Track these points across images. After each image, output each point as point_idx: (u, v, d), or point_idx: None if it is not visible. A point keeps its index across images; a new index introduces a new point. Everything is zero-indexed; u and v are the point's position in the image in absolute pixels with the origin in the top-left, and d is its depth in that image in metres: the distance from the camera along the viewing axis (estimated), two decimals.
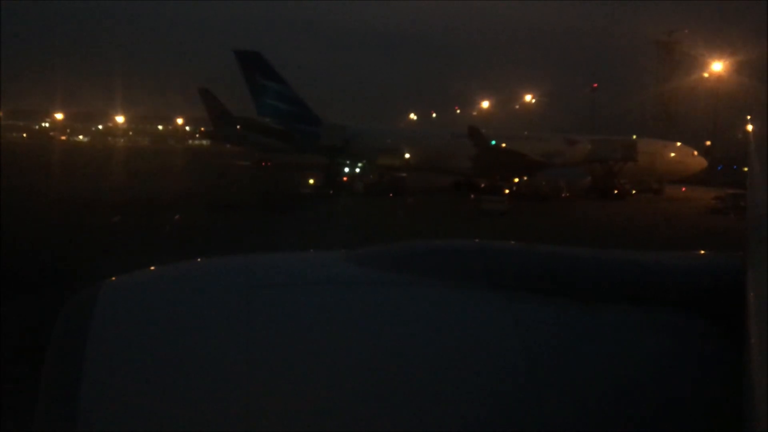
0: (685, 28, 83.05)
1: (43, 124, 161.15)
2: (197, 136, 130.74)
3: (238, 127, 63.46)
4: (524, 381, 1.88)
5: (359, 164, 53.28)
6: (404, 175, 52.83)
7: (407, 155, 54.42)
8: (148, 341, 1.82)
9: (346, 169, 53.09)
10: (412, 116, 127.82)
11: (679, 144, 60.51)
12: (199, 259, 2.26)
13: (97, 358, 1.77)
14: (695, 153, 59.89)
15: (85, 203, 36.29)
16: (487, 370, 1.88)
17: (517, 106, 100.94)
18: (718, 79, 67.08)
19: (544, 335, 1.98)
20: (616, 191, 52.95)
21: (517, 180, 50.92)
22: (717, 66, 66.09)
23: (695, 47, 76.59)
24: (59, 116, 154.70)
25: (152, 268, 2.15)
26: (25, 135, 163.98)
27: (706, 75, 68.77)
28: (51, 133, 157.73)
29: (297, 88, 56.59)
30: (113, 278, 2.05)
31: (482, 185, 53.17)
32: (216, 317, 1.87)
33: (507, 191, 49.35)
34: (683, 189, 59.23)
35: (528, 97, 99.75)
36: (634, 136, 64.32)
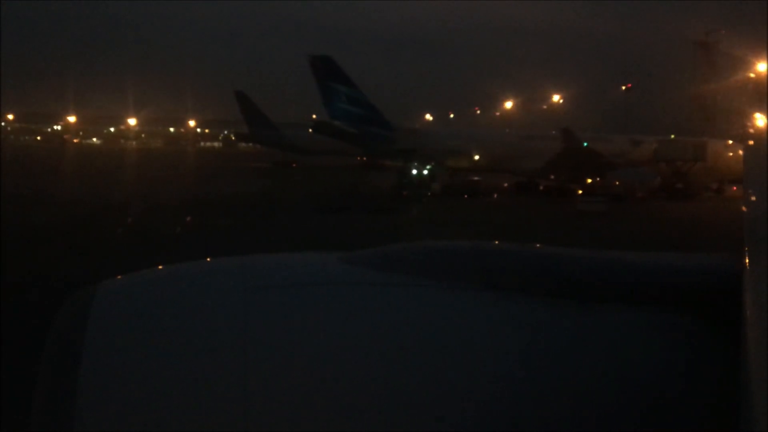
0: (721, 28, 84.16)
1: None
2: (233, 138, 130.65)
3: (310, 130, 64.25)
4: (521, 382, 1.89)
5: (429, 166, 54.14)
6: (477, 178, 53.90)
7: (478, 156, 55.42)
8: (145, 342, 1.83)
9: (414, 171, 53.94)
10: (428, 117, 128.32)
11: (731, 142, 61.64)
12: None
13: (94, 359, 1.78)
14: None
15: (184, 209, 36.54)
16: (484, 371, 1.89)
17: (545, 106, 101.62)
18: (761, 78, 68.24)
19: (541, 336, 1.98)
20: (686, 191, 53.98)
21: (589, 181, 51.83)
22: (762, 66, 67.29)
23: (734, 47, 77.71)
24: (72, 119, 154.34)
25: (150, 269, 2.17)
26: (38, 138, 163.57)
27: (752, 75, 69.87)
28: (65, 136, 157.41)
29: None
30: (110, 279, 2.06)
31: (543, 186, 54.24)
32: (212, 319, 1.88)
33: (580, 191, 50.34)
34: (734, 188, 60.32)
35: (556, 97, 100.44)
36: (672, 136, 65.51)
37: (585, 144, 49.76)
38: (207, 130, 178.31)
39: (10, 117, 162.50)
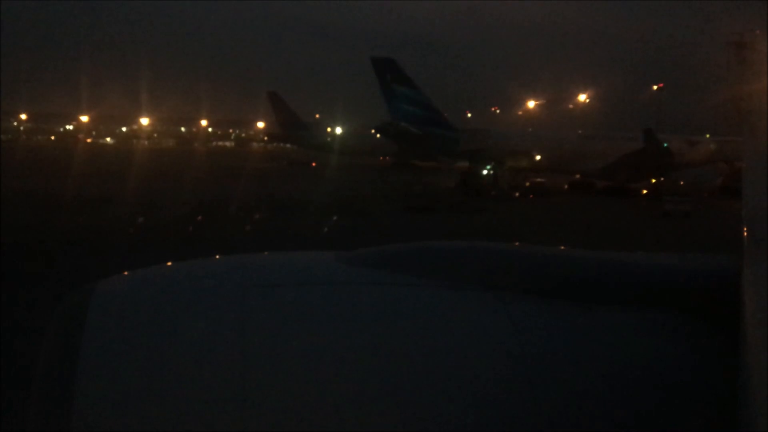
0: (756, 28, 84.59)
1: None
2: (262, 137, 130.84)
3: (373, 131, 64.42)
4: (519, 383, 1.88)
5: (489, 167, 54.71)
6: (542, 179, 54.58)
7: (542, 157, 55.98)
8: (142, 341, 1.82)
9: (484, 172, 54.54)
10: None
11: None
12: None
13: (92, 358, 1.77)
14: None
15: (275, 209, 36.51)
16: (482, 371, 1.88)
17: (573, 106, 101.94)
18: None
19: (540, 337, 1.98)
20: None
21: (654, 181, 52.40)
22: None
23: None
24: (84, 119, 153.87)
25: (148, 267, 2.17)
26: (53, 137, 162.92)
27: None
28: (79, 135, 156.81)
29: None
30: (108, 277, 2.06)
31: (602, 186, 54.76)
32: (210, 317, 1.88)
33: (645, 191, 50.99)
34: None
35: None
36: (708, 135, 66.20)
37: (666, 145, 50.46)
38: (219, 130, 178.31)
39: (23, 117, 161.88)
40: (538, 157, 56.14)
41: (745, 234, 2.31)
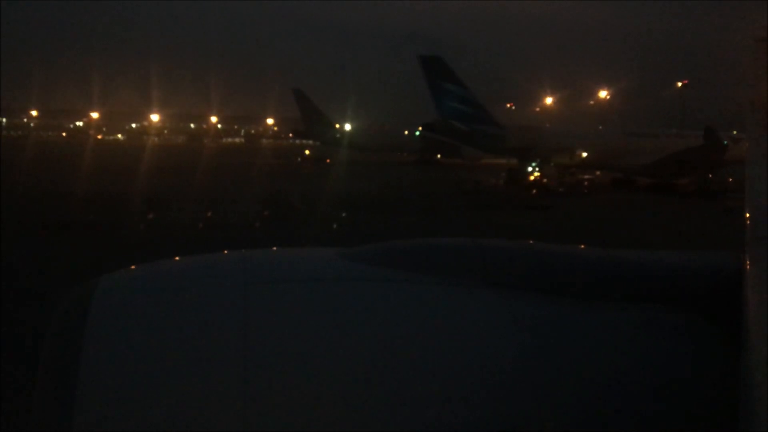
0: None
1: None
2: (291, 134, 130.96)
3: (420, 128, 64.62)
4: (520, 379, 1.88)
5: (534, 164, 55.05)
6: (588, 176, 54.88)
7: (586, 154, 56.25)
8: (145, 337, 1.81)
9: (529, 168, 54.88)
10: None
11: None
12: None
13: (94, 355, 1.76)
14: None
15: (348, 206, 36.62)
16: (483, 367, 1.88)
17: (592, 102, 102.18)
18: None
19: (541, 333, 1.98)
20: None
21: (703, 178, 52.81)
22: None
23: None
24: (95, 115, 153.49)
25: (150, 262, 2.15)
26: (64, 134, 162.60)
27: None
28: (90, 132, 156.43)
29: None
30: (110, 273, 2.04)
31: (646, 183, 55.05)
32: (213, 313, 1.87)
33: (692, 188, 51.39)
34: None
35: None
36: (735, 132, 66.59)
37: (725, 143, 50.82)
38: (229, 127, 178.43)
39: (34, 113, 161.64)
40: (585, 154, 56.41)
41: (747, 231, 2.31)
